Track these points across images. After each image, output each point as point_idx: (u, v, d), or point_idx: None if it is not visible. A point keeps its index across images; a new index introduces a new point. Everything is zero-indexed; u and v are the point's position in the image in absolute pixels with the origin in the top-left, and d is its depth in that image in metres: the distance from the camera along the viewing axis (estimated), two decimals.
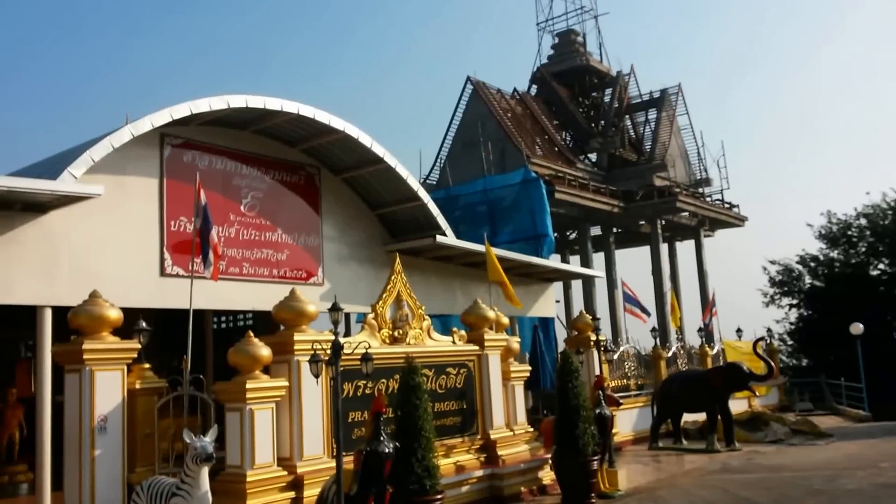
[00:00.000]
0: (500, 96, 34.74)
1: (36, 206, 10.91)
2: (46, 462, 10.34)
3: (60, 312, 10.32)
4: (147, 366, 10.25)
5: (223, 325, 19.01)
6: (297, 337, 10.08)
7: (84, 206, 11.29)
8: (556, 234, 29.81)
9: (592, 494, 12.13)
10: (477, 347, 12.97)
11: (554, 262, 23.53)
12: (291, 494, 9.60)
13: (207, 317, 17.05)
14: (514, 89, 36.73)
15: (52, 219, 11.12)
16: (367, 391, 10.88)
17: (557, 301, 23.35)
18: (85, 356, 9.12)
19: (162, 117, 11.92)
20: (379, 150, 14.85)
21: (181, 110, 12.05)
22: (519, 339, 15.28)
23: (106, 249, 11.69)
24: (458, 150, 32.94)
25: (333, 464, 8.91)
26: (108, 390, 9.28)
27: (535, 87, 38.91)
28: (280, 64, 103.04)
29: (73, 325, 9.50)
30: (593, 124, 38.60)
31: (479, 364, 12.96)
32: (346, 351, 8.96)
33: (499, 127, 31.92)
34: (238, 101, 12.52)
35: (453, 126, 33.77)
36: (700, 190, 38.25)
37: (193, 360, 10.29)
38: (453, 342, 12.73)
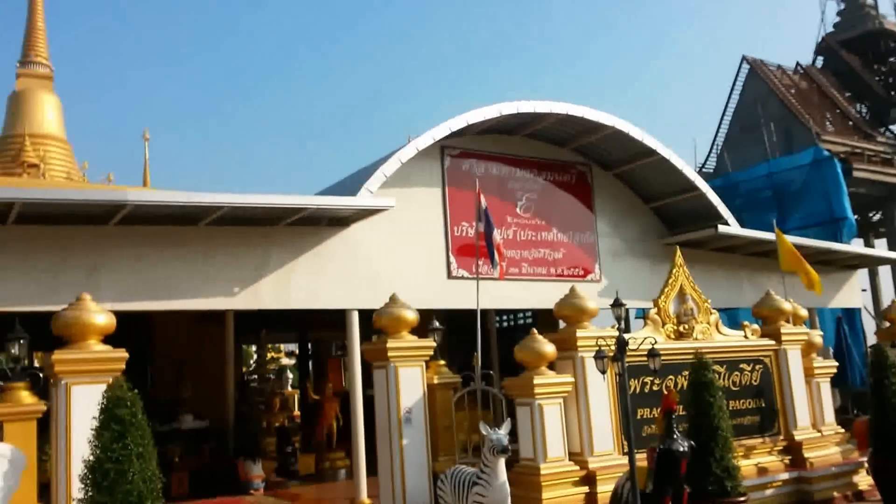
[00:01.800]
0: (780, 73, 32.00)
1: (339, 221, 12.15)
2: (361, 450, 11.44)
3: (362, 314, 11.42)
4: (442, 362, 10.97)
5: (505, 324, 19.70)
6: (579, 333, 10.14)
7: (379, 217, 12.35)
8: (856, 217, 26.73)
9: None
10: (773, 342, 12.05)
11: (856, 246, 21.11)
12: (584, 489, 9.65)
13: (491, 316, 17.79)
14: (797, 63, 33.62)
15: (353, 231, 12.31)
16: (654, 388, 10.60)
17: (864, 290, 20.92)
18: (389, 354, 10.01)
19: (441, 131, 12.68)
20: (651, 142, 14.44)
21: (458, 122, 12.73)
22: (821, 333, 14.00)
23: (399, 256, 12.67)
24: (736, 135, 30.87)
25: (625, 461, 8.79)
26: (410, 385, 10.09)
27: (820, 59, 35.31)
28: (538, 64, 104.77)
29: (377, 326, 10.46)
30: (893, 92, 34.07)
31: (776, 360, 12.03)
32: (630, 347, 8.81)
33: (782, 105, 29.38)
34: (509, 108, 12.93)
35: (729, 110, 31.74)
36: None
37: (480, 357, 10.79)
38: (745, 337, 11.95)
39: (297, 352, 26.26)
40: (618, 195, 15.62)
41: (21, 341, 8.17)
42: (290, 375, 28.95)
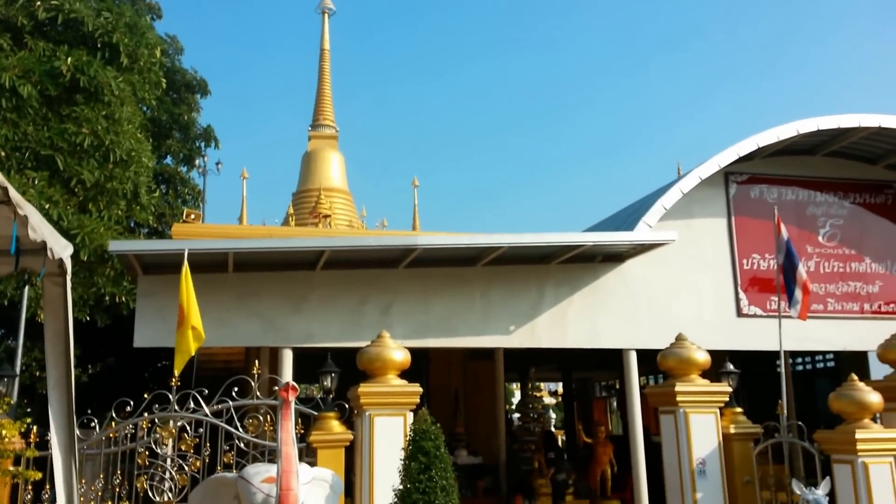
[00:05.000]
0: None
1: (615, 257, 11.67)
2: (644, 500, 10.70)
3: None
4: (739, 410, 9.94)
5: (800, 367, 17.69)
6: None
7: (658, 251, 11.66)
8: None
9: None
10: None
11: None
12: None
13: (785, 358, 16.02)
14: None
15: (629, 267, 11.73)
16: None
17: None
18: (678, 399, 9.25)
19: (727, 156, 11.73)
20: None
21: (747, 146, 11.71)
22: None
23: (681, 292, 11.84)
24: None
25: None
26: (703, 433, 9.24)
27: None
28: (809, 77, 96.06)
29: (663, 368, 9.75)
30: None
31: None
32: None
33: None
34: (808, 125, 11.67)
35: None
36: None
37: (771, 403, 9.62)
38: None
39: (560, 391, 25.85)
40: None
41: (332, 375, 8.79)
42: (553, 415, 28.51)
